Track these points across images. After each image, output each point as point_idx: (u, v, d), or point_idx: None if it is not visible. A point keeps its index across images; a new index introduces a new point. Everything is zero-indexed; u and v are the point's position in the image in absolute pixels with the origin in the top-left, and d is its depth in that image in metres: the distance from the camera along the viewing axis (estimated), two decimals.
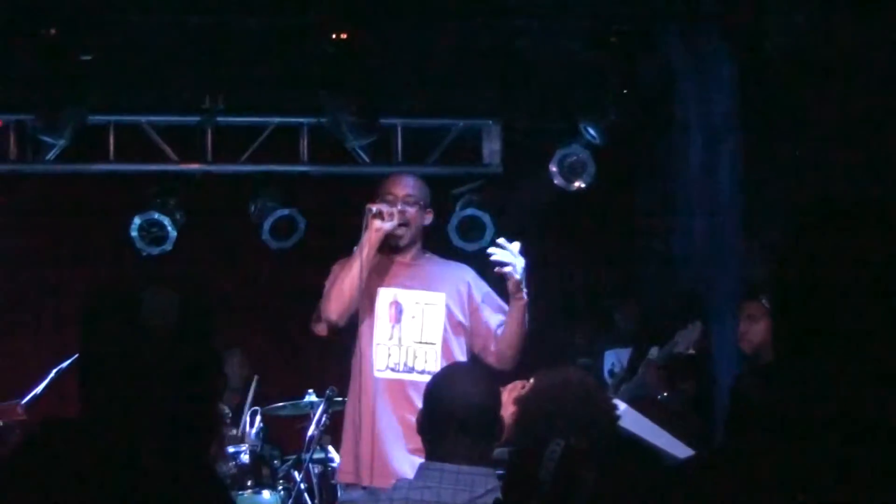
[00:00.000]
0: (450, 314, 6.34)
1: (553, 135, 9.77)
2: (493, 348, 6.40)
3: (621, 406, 4.62)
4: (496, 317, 6.43)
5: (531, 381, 4.34)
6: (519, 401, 4.22)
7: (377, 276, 6.30)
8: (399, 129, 9.72)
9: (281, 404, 8.56)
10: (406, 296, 6.35)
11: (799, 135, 8.39)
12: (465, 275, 6.50)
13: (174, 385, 2.57)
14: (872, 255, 1.99)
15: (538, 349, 8.42)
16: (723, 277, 9.13)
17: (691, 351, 7.25)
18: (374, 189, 6.47)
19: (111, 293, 2.65)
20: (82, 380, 2.60)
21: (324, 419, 7.91)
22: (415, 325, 6.31)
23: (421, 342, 6.29)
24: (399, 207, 6.28)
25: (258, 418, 8.58)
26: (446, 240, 9.58)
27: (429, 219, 6.48)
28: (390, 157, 9.72)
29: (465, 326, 6.38)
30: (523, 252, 6.34)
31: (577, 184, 9.66)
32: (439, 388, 4.18)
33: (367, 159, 9.64)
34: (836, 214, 2.09)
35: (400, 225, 6.29)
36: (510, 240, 6.39)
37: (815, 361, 1.99)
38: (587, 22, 9.06)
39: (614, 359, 8.62)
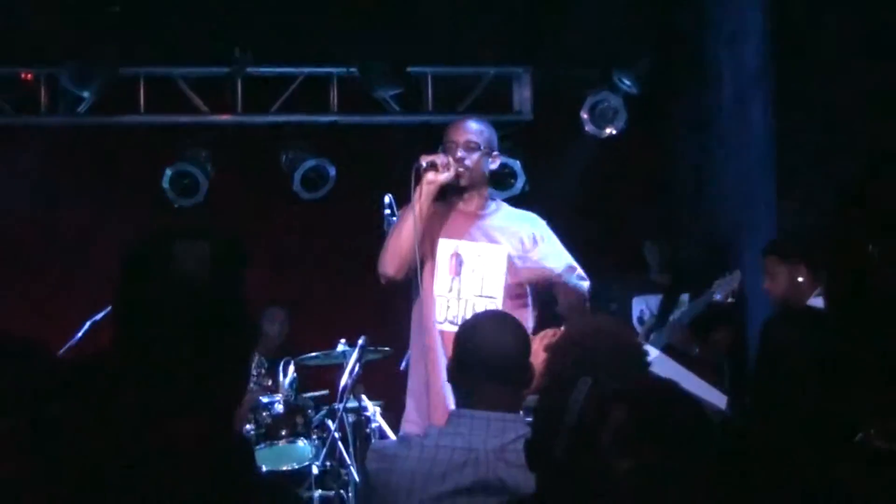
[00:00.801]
0: (511, 267, 6.14)
1: (584, 82, 9.73)
2: (558, 294, 6.25)
3: (653, 353, 4.63)
4: (557, 261, 6.21)
5: (562, 328, 4.34)
6: (549, 348, 4.22)
7: (439, 225, 6.12)
8: (429, 77, 9.70)
9: (313, 354, 8.59)
10: (467, 248, 6.15)
11: (831, 84, 8.33)
12: (532, 225, 6.28)
13: (205, 336, 2.57)
14: None
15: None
16: (755, 225, 9.10)
17: (730, 300, 7.19)
18: (403, 138, 6.41)
19: (144, 244, 2.66)
20: (116, 329, 2.61)
21: (356, 368, 7.92)
22: (475, 279, 6.13)
23: (481, 296, 6.11)
24: (460, 154, 6.09)
25: (291, 368, 8.61)
26: None
27: (495, 163, 6.28)
28: (420, 106, 9.70)
29: (529, 279, 6.19)
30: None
31: (608, 130, 9.63)
32: (468, 336, 4.17)
33: (396, 108, 9.63)
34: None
35: (457, 176, 6.08)
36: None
37: (864, 312, 1.97)
38: None
39: (643, 305, 8.56)
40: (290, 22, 9.24)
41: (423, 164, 6.01)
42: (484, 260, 6.15)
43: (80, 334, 8.14)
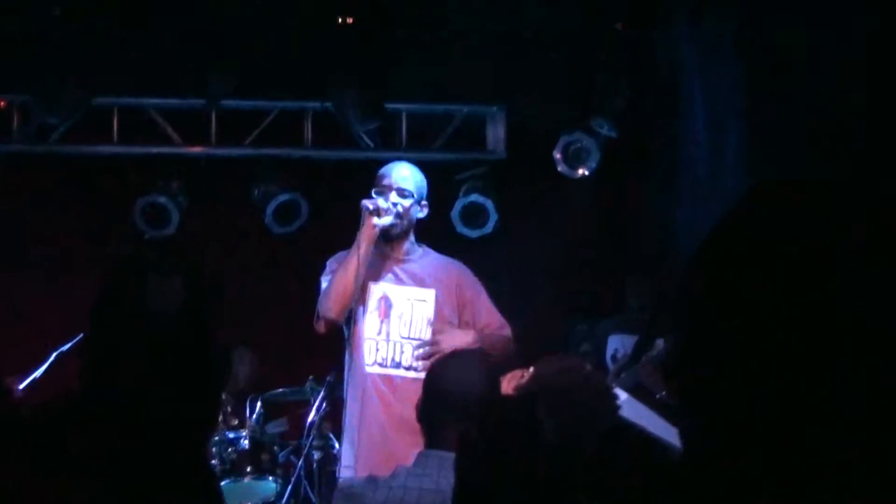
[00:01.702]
0: (438, 311, 6.30)
1: (557, 121, 9.74)
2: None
3: (622, 395, 4.60)
4: (484, 318, 6.39)
5: (531, 369, 4.32)
6: (518, 390, 4.20)
7: (369, 270, 6.23)
8: (404, 114, 9.70)
9: (281, 390, 8.55)
10: (396, 291, 6.30)
11: (806, 123, 8.35)
12: (458, 271, 6.44)
13: (177, 373, 2.54)
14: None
15: (540, 335, 8.40)
16: None
17: None
18: (375, 176, 6.43)
19: (117, 277, 2.63)
20: (84, 360, 2.58)
21: (324, 406, 7.89)
22: (403, 322, 6.28)
23: (409, 338, 6.25)
24: (392, 199, 6.20)
25: (258, 404, 8.57)
26: (449, 226, 9.57)
27: (423, 212, 6.38)
28: (394, 143, 9.70)
29: (453, 325, 6.33)
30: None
31: (581, 171, 9.63)
32: (438, 377, 4.16)
33: (371, 144, 9.62)
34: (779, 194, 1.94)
35: (395, 220, 6.22)
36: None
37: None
38: (592, 7, 9.02)
39: (618, 344, 8.53)
40: (265, 55, 9.22)
41: (370, 207, 6.09)
42: (412, 303, 6.29)
43: (45, 365, 8.07)
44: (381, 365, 6.21)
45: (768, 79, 8.67)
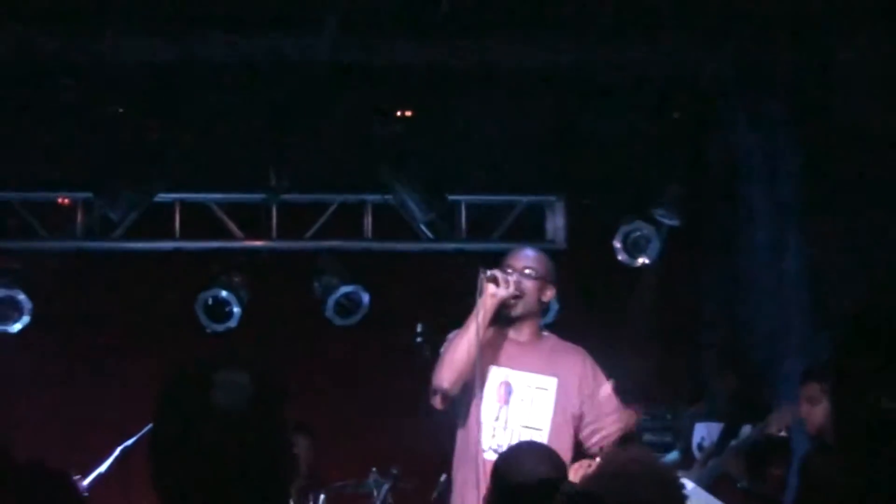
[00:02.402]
0: (560, 400, 6.09)
1: (616, 211, 9.74)
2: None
3: (689, 486, 4.56)
4: (608, 407, 6.15)
5: (597, 460, 4.31)
6: (586, 479, 4.18)
7: (490, 352, 6.07)
8: (463, 205, 9.72)
9: (343, 483, 8.52)
10: (517, 377, 6.11)
11: (865, 214, 8.32)
12: (583, 360, 6.24)
13: (245, 470, 2.53)
14: None
15: None
16: (790, 360, 9.04)
17: (783, 433, 7.09)
18: (436, 266, 6.40)
19: (183, 374, 2.63)
20: (154, 462, 2.58)
21: (388, 499, 7.86)
22: (523, 409, 6.08)
23: (528, 427, 6.04)
24: (515, 278, 6.08)
25: (322, 497, 8.53)
26: None
27: (549, 295, 6.26)
28: (454, 234, 9.72)
29: (575, 415, 6.11)
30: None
31: (640, 260, 9.61)
32: (506, 466, 4.15)
33: (430, 235, 9.64)
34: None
35: (515, 296, 6.07)
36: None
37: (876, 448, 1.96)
38: (650, 97, 9.05)
39: (704, 433, 8.45)
40: (324, 149, 9.30)
41: (487, 274, 5.98)
42: (533, 390, 6.10)
43: (110, 460, 8.09)
44: (496, 451, 5.83)
45: (827, 165, 8.66)
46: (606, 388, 6.18)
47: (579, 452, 6.07)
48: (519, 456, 4.24)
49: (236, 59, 8.48)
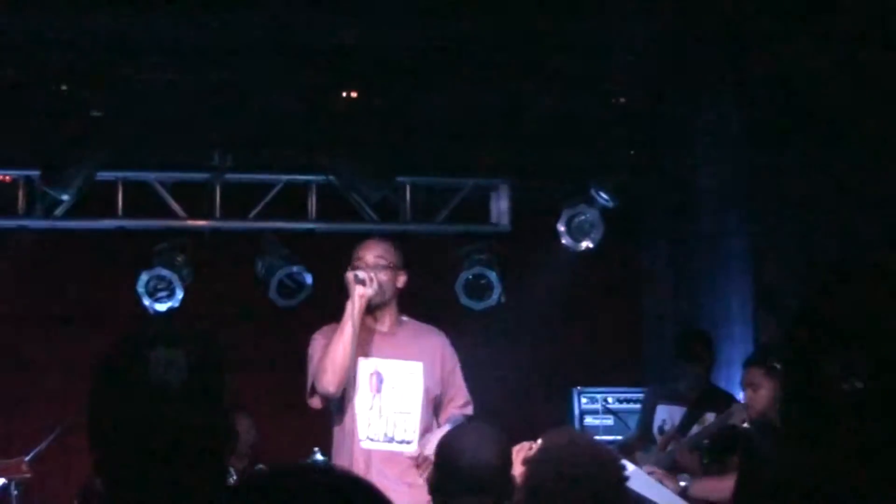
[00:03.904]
0: (426, 383, 6.36)
1: (561, 195, 9.76)
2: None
3: (630, 467, 4.59)
4: (451, 392, 6.46)
5: (538, 441, 4.32)
6: (527, 461, 4.19)
7: (357, 346, 6.25)
8: (408, 187, 9.71)
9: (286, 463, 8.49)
10: (386, 366, 6.35)
11: (810, 197, 8.39)
12: (441, 343, 6.50)
13: (180, 444, 2.53)
14: (884, 321, 1.99)
15: (545, 405, 8.40)
16: (732, 341, 9.11)
17: (746, 425, 7.12)
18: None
19: (119, 350, 2.63)
20: (91, 437, 2.58)
21: None
22: (395, 395, 6.32)
23: (401, 412, 6.30)
24: (371, 274, 6.25)
25: None
26: (454, 298, 9.58)
27: (402, 281, 6.41)
28: (398, 216, 9.71)
29: (436, 395, 6.40)
30: None
31: (584, 244, 9.63)
32: (450, 447, 4.16)
33: (375, 217, 9.63)
34: (850, 279, 2.09)
35: (377, 289, 6.27)
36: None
37: (819, 429, 1.98)
38: (596, 83, 9.08)
39: (666, 415, 8.48)
40: (269, 129, 9.26)
41: (358, 276, 6.20)
42: (403, 376, 6.34)
43: (50, 438, 8.06)
44: (373, 440, 6.24)
45: (770, 147, 8.72)
46: (458, 374, 6.50)
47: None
48: (461, 438, 4.25)
49: (181, 36, 8.44)
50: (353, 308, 6.17)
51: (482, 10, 8.12)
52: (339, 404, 6.26)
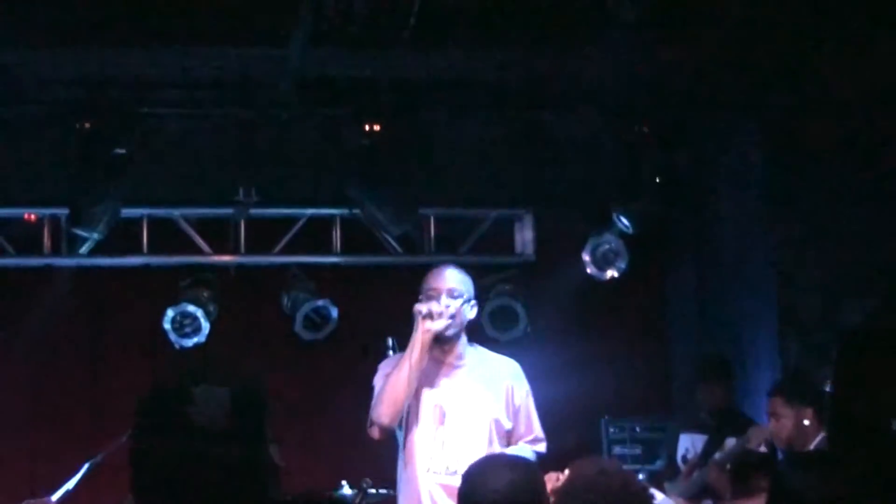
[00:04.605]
0: (492, 415, 6.19)
1: (585, 224, 9.75)
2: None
3: (658, 497, 4.57)
4: (522, 428, 6.28)
5: (566, 471, 4.30)
6: (555, 492, 4.17)
7: (423, 376, 6.13)
8: (432, 218, 9.72)
9: (314, 493, 8.48)
10: (450, 398, 6.19)
11: (833, 223, 8.37)
12: (511, 374, 6.33)
13: (226, 483, 2.53)
14: None
15: (573, 437, 8.36)
16: (757, 365, 9.08)
17: (763, 448, 7.10)
18: (405, 279, 6.42)
19: (163, 386, 2.63)
20: (134, 474, 2.57)
21: None
22: (458, 427, 6.16)
23: (465, 444, 6.10)
24: (444, 303, 6.10)
25: None
26: (480, 329, 9.56)
27: (474, 311, 6.29)
28: (422, 248, 9.71)
29: (507, 427, 6.22)
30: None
31: (609, 273, 9.62)
32: (473, 480, 4.14)
33: (399, 250, 9.64)
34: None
35: (448, 323, 6.11)
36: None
37: (865, 457, 1.99)
38: (618, 112, 9.08)
39: (688, 444, 8.45)
40: (292, 164, 9.29)
41: (423, 311, 6.04)
42: (468, 408, 6.18)
43: (78, 476, 8.05)
44: (436, 473, 6.08)
45: (793, 176, 8.70)
46: (530, 408, 6.31)
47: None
48: (484, 470, 4.22)
49: (205, 73, 8.47)
50: (417, 342, 6.02)
51: (504, 40, 8.13)
52: (402, 435, 6.14)
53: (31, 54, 8.14)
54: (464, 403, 6.18)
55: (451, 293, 6.15)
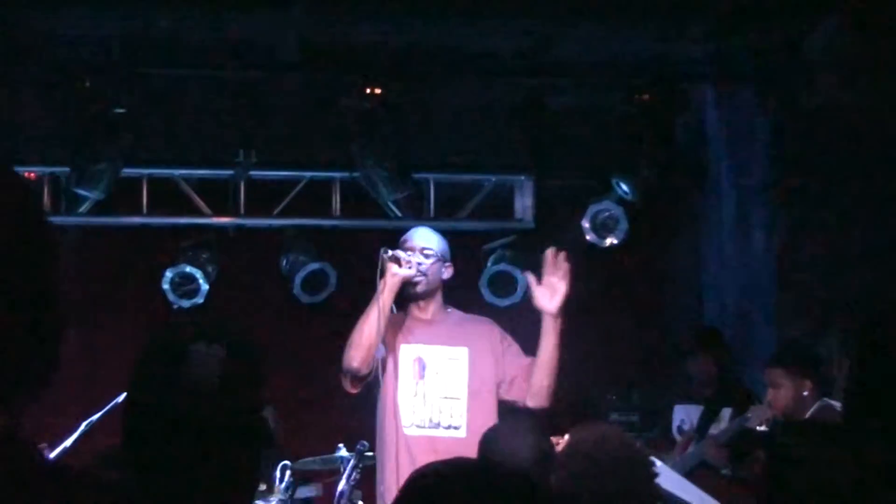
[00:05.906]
0: (473, 368, 6.28)
1: (585, 190, 9.75)
2: (526, 385, 6.26)
3: (658, 464, 4.58)
4: (523, 359, 6.32)
5: (566, 437, 4.31)
6: (556, 457, 4.19)
7: (399, 333, 6.27)
8: (431, 183, 9.72)
9: (311, 459, 8.50)
10: (429, 351, 6.29)
11: (834, 192, 8.36)
12: (490, 327, 6.46)
13: (217, 441, 2.54)
14: None
15: (571, 404, 8.36)
16: (756, 336, 9.09)
17: (763, 427, 7.12)
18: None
19: (159, 344, 2.63)
20: (126, 432, 2.58)
21: (354, 474, 7.84)
22: (439, 381, 6.26)
23: (446, 397, 6.23)
24: (416, 259, 6.23)
25: (287, 473, 8.51)
26: (478, 295, 9.56)
27: (448, 273, 6.41)
28: (422, 212, 9.71)
29: (493, 380, 6.28)
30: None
31: (609, 240, 9.61)
32: (492, 442, 4.17)
33: (398, 213, 9.64)
34: None
35: (417, 276, 6.24)
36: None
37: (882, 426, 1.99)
38: (620, 80, 9.08)
39: (683, 415, 8.46)
40: (293, 126, 9.28)
41: (389, 254, 6.14)
42: (446, 362, 6.28)
43: (75, 435, 8.06)
44: (419, 426, 6.18)
45: (794, 144, 8.69)
46: (515, 347, 6.38)
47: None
48: (503, 432, 4.26)
49: (206, 35, 8.46)
50: (384, 286, 6.12)
51: (506, 7, 8.12)
52: (380, 391, 6.22)
53: (32, 14, 8.13)
54: (443, 356, 6.28)
55: (423, 251, 6.28)
